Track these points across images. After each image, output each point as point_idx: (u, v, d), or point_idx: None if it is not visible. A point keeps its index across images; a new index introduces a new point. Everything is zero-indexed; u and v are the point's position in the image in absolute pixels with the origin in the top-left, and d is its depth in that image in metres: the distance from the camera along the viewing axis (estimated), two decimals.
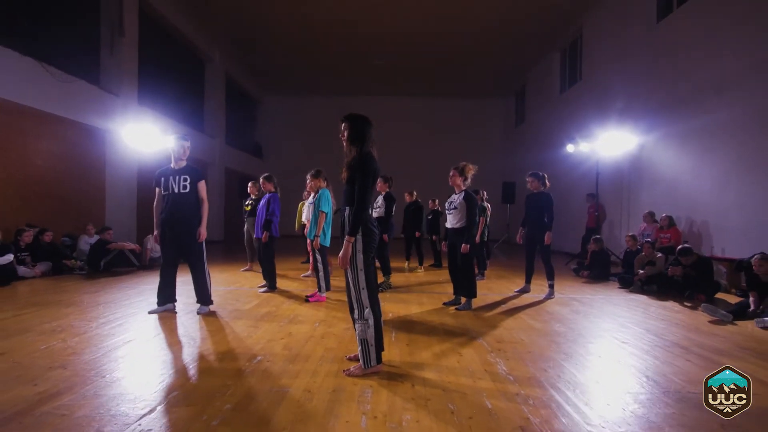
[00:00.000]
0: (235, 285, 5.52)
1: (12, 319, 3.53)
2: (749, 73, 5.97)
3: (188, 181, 3.77)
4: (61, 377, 2.27)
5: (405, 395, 2.14)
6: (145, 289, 4.99)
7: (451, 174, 4.38)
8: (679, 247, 5.31)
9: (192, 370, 2.46)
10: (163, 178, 3.79)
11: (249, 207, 6.81)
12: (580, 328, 3.62)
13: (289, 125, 18.17)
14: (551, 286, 5.10)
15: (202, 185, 3.85)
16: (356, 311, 2.39)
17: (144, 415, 1.87)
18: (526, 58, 13.79)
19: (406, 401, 2.07)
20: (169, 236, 3.77)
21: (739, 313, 4.11)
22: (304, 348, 2.88)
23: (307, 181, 4.87)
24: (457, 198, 4.35)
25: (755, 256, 4.37)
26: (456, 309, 4.26)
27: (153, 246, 7.16)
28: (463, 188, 4.34)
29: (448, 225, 4.44)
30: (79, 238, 6.98)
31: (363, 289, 2.38)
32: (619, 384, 2.38)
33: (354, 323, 2.43)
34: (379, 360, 2.43)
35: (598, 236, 7.08)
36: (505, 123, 18.05)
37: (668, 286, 5.40)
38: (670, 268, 5.33)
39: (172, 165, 3.84)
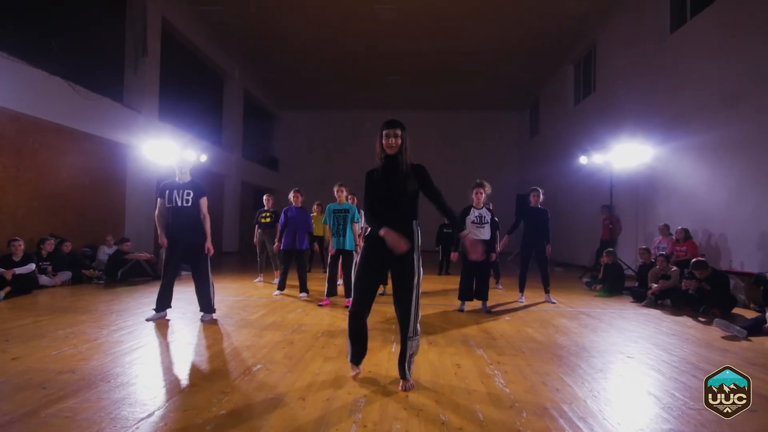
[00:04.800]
0: (244, 295, 5.62)
1: (30, 326, 3.69)
2: (765, 85, 5.86)
3: (191, 195, 3.92)
4: (69, 381, 2.37)
5: (398, 405, 2.15)
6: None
7: (477, 191, 4.73)
8: (694, 260, 5.18)
9: (193, 377, 2.52)
10: (167, 191, 3.94)
11: (269, 219, 6.93)
12: (585, 342, 3.56)
13: (304, 139, 18.52)
14: (549, 292, 5.56)
15: (203, 202, 3.99)
16: (411, 329, 2.37)
17: (142, 419, 1.93)
18: (541, 71, 13.79)
19: (398, 411, 2.08)
20: (175, 246, 3.92)
21: (755, 328, 3.97)
22: (304, 357, 2.92)
23: (344, 193, 5.09)
24: (486, 214, 4.78)
25: None
26: (485, 311, 4.71)
27: None
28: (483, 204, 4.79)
29: (476, 237, 4.69)
30: (99, 248, 7.24)
31: (419, 304, 2.42)
32: (617, 399, 2.34)
33: (408, 340, 2.38)
34: None
35: (610, 249, 6.95)
36: (520, 135, 17.99)
37: (683, 300, 5.25)
38: (684, 281, 5.20)
39: (176, 179, 3.98)
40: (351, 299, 4.76)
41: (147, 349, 3.05)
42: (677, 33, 7.79)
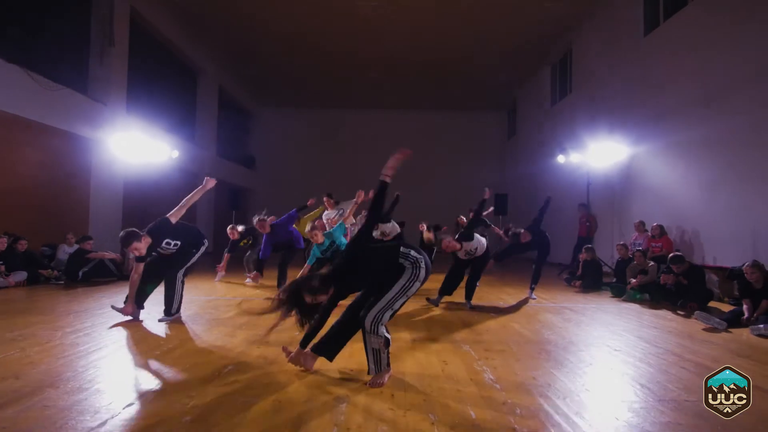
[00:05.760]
0: (215, 294, 5.33)
1: None
2: (736, 86, 6.00)
3: (170, 241, 3.58)
4: (11, 388, 2.09)
5: (383, 405, 1.98)
6: (123, 299, 4.79)
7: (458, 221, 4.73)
8: (671, 255, 5.23)
9: (155, 381, 2.28)
10: (154, 253, 3.59)
11: (250, 242, 6.69)
12: (572, 336, 3.48)
13: (282, 137, 18.11)
14: (533, 289, 5.49)
15: (173, 217, 3.56)
16: (370, 324, 2.17)
17: (93, 429, 1.70)
18: (518, 73, 13.92)
19: (384, 411, 1.92)
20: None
21: (733, 321, 4.01)
22: (280, 356, 2.71)
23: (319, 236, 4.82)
24: (473, 244, 4.64)
25: (746, 264, 4.30)
26: (468, 308, 4.59)
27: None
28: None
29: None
30: (59, 247, 6.78)
31: (392, 310, 2.22)
32: (611, 392, 2.25)
33: (365, 333, 2.22)
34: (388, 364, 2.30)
35: (589, 245, 7.00)
36: (497, 136, 18.14)
37: (661, 294, 5.30)
38: (662, 276, 5.24)
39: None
40: None
41: (105, 352, 2.78)
42: (651, 35, 7.95)
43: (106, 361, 2.58)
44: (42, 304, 4.44)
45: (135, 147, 8.55)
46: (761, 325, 3.67)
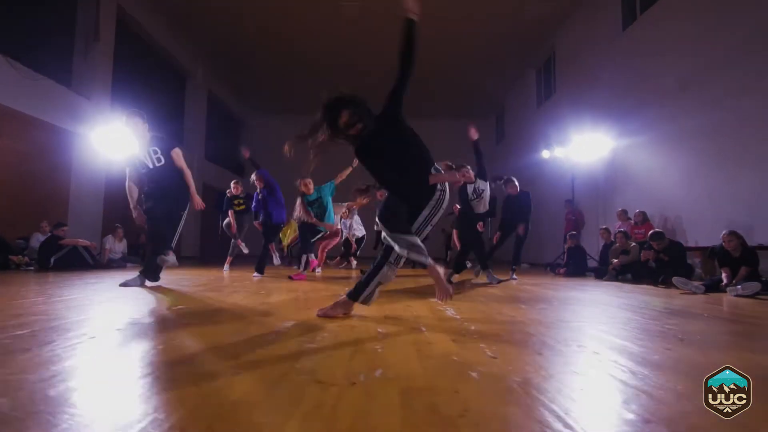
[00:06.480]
0: (196, 275, 5.19)
1: None
2: (711, 76, 6.13)
3: (159, 153, 3.51)
4: None
5: (338, 323, 1.90)
6: (100, 287, 4.65)
7: (463, 173, 4.56)
8: (651, 231, 5.24)
9: (113, 308, 2.17)
10: (136, 159, 3.52)
11: (243, 206, 6.68)
12: (548, 296, 3.42)
13: (273, 145, 17.92)
14: (514, 270, 5.52)
15: (176, 153, 3.57)
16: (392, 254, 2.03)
17: (45, 330, 1.59)
18: (504, 79, 14.21)
19: (339, 324, 1.83)
20: (157, 212, 3.52)
21: (712, 287, 4.00)
22: (258, 293, 2.61)
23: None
24: (481, 185, 4.69)
25: (724, 233, 4.31)
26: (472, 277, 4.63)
27: (112, 246, 6.82)
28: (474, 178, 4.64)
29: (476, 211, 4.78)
30: (32, 236, 6.60)
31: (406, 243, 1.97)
32: (595, 320, 2.17)
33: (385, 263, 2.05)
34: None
35: (573, 232, 6.99)
36: (487, 142, 18.31)
37: (642, 274, 5.28)
38: (642, 252, 5.23)
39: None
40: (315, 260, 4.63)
41: (70, 303, 2.63)
42: (629, 29, 8.16)
43: (64, 304, 2.45)
44: (8, 282, 4.28)
45: (119, 143, 8.46)
46: (739, 286, 3.65)
